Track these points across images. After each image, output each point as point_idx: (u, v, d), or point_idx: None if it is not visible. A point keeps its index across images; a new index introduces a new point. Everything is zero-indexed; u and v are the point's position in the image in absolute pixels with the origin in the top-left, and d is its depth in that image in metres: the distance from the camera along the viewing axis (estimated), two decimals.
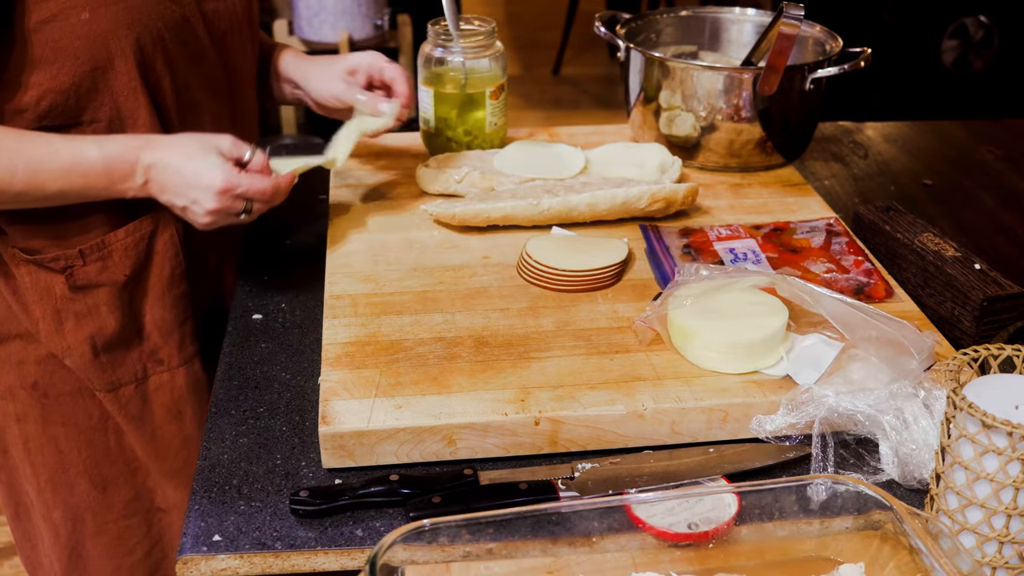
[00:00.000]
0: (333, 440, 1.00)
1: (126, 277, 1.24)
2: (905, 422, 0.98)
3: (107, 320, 1.24)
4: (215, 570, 0.93)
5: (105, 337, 1.25)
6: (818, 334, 1.11)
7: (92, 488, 1.30)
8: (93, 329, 1.24)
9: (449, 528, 0.81)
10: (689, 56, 1.69)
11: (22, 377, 1.26)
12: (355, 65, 1.40)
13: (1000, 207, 1.60)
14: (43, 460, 1.29)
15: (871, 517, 0.85)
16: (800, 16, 1.41)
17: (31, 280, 1.22)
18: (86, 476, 1.30)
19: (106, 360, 1.26)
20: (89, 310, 1.23)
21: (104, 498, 1.31)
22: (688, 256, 1.28)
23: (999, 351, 0.91)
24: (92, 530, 1.31)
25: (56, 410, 1.27)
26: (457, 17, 1.48)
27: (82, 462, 1.29)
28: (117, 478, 1.31)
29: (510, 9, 6.14)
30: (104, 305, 1.24)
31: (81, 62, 1.13)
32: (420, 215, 1.38)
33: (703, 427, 1.04)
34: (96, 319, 1.24)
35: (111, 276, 1.23)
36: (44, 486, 1.30)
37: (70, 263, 1.21)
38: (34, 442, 1.28)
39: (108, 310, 1.24)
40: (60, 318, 1.23)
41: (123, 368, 1.27)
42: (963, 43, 3.43)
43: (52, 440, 1.28)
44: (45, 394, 1.26)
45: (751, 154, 1.54)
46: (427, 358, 1.10)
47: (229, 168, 1.15)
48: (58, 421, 1.27)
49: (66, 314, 1.23)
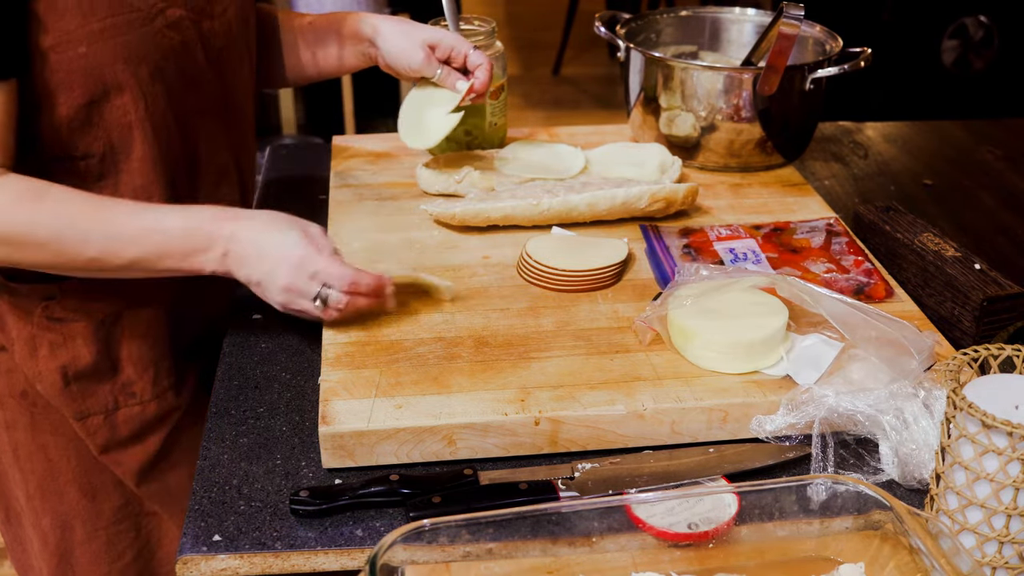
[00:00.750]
0: (333, 440, 1.00)
1: (104, 315, 1.22)
2: (905, 422, 0.98)
3: (81, 352, 1.22)
4: (215, 570, 0.93)
5: (77, 368, 1.22)
6: (818, 334, 1.11)
7: (82, 496, 1.29)
8: (66, 359, 1.22)
9: (449, 528, 0.81)
10: (689, 56, 1.69)
11: (11, 386, 1.25)
12: (438, 40, 1.39)
13: (1000, 207, 1.60)
14: (32, 468, 1.27)
15: (871, 517, 0.85)
16: (800, 16, 1.41)
17: (11, 302, 1.20)
18: (75, 484, 1.28)
19: (76, 390, 1.23)
20: (64, 340, 1.21)
21: (94, 506, 1.30)
22: (688, 256, 1.28)
23: (999, 351, 0.91)
24: (81, 537, 1.30)
25: (45, 419, 1.26)
26: (457, 17, 1.48)
27: (71, 470, 1.28)
28: (107, 485, 1.30)
29: (510, 9, 6.14)
30: (80, 337, 1.21)
31: (76, 96, 1.10)
32: (420, 215, 1.38)
33: (703, 427, 1.04)
34: (70, 350, 1.21)
35: (89, 313, 1.21)
36: (33, 493, 1.29)
37: (49, 295, 1.19)
38: (23, 449, 1.27)
39: (83, 343, 1.22)
40: (35, 343, 1.21)
41: (93, 399, 1.24)
42: (963, 43, 3.43)
43: (41, 448, 1.27)
44: (34, 403, 1.25)
45: (751, 154, 1.54)
46: (427, 358, 1.10)
47: (309, 246, 1.10)
48: (47, 430, 1.26)
49: (40, 340, 1.21)
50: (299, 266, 1.10)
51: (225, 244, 1.10)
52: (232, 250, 1.10)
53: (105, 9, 1.08)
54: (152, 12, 1.12)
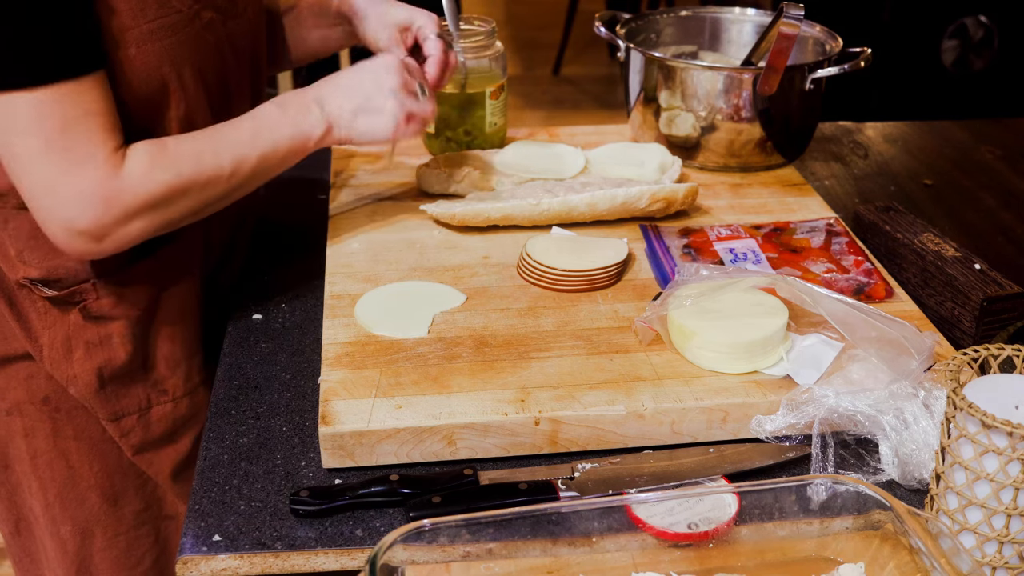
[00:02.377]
0: (333, 440, 1.00)
1: (140, 311, 1.22)
2: (905, 422, 0.98)
3: (118, 352, 1.22)
4: (215, 570, 0.93)
5: (113, 368, 1.22)
6: (818, 334, 1.11)
7: (103, 501, 1.29)
8: (102, 360, 1.22)
9: (449, 528, 0.81)
10: (689, 56, 1.69)
11: (31, 392, 1.24)
12: (408, 21, 1.37)
13: (1000, 207, 1.60)
14: (52, 475, 1.27)
15: (871, 517, 0.85)
16: (800, 16, 1.41)
17: (43, 307, 1.20)
18: (97, 490, 1.28)
19: (111, 391, 1.23)
20: (101, 340, 1.21)
21: (115, 511, 1.29)
22: (688, 256, 1.28)
23: (999, 351, 0.91)
24: (101, 544, 1.30)
25: (67, 424, 1.25)
26: (457, 17, 1.48)
27: (93, 476, 1.27)
28: (128, 490, 1.30)
29: (510, 9, 6.14)
30: (116, 336, 1.22)
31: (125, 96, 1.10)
32: (420, 215, 1.38)
33: (703, 427, 1.04)
34: (107, 350, 1.22)
35: (124, 311, 1.21)
36: (52, 501, 1.28)
37: (84, 296, 1.19)
38: (43, 457, 1.26)
39: (120, 342, 1.22)
40: (70, 346, 1.21)
41: (127, 399, 1.25)
42: (963, 43, 3.43)
43: (62, 454, 1.26)
44: (56, 408, 1.25)
45: (751, 154, 1.54)
46: (427, 358, 1.10)
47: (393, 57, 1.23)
48: (69, 435, 1.26)
49: (76, 342, 1.21)
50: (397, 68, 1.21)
51: (316, 94, 1.19)
52: (325, 95, 1.19)
53: (154, 10, 1.08)
54: (190, 14, 1.12)
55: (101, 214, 1.05)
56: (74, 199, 1.04)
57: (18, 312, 1.20)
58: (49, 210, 1.05)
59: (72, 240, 1.07)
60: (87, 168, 1.04)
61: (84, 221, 1.05)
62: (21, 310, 1.20)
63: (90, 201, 1.05)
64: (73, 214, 1.05)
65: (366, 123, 1.21)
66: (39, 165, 1.03)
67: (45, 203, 1.05)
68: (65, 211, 1.05)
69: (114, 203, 1.06)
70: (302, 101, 1.19)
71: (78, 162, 1.03)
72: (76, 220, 1.05)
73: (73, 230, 1.06)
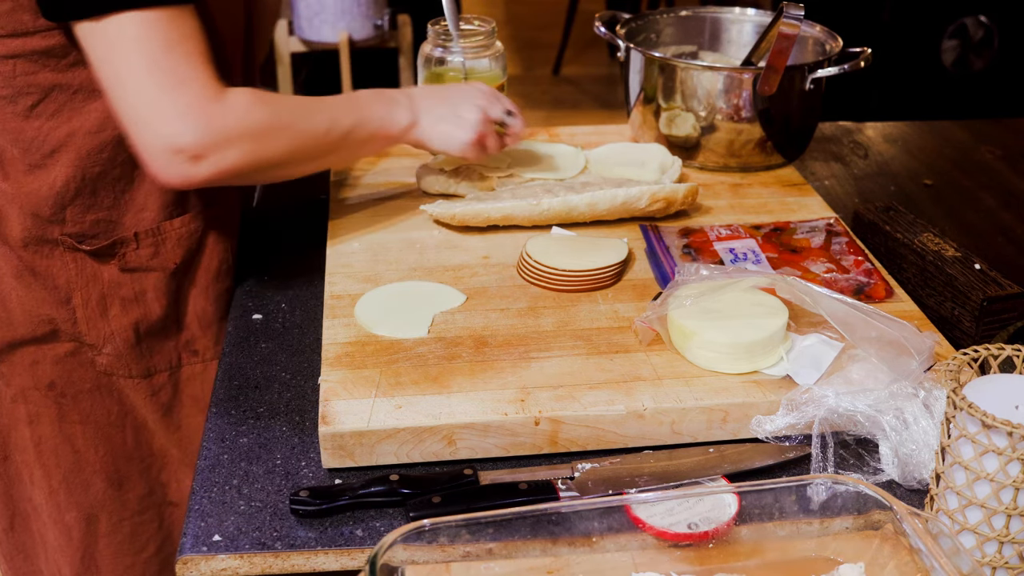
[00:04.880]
0: (333, 440, 1.00)
1: (175, 265, 1.26)
2: (905, 422, 0.98)
3: (152, 307, 1.26)
4: (215, 570, 0.93)
5: (148, 323, 1.26)
6: (818, 334, 1.10)
7: (108, 486, 1.31)
8: (138, 315, 1.25)
9: (449, 528, 0.81)
10: (689, 56, 1.69)
11: (36, 378, 1.26)
12: None
13: (1000, 207, 1.60)
14: (57, 461, 1.29)
15: (871, 517, 0.85)
16: (800, 16, 1.41)
17: (76, 268, 1.22)
18: (102, 474, 1.30)
19: (146, 347, 1.27)
20: (136, 295, 1.25)
21: (120, 495, 1.31)
22: (688, 256, 1.28)
23: (999, 351, 0.91)
24: (106, 529, 1.32)
25: (73, 409, 1.27)
26: (457, 17, 1.48)
27: (99, 460, 1.30)
28: (133, 474, 1.32)
29: (510, 9, 6.14)
30: (151, 291, 1.25)
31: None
32: (420, 215, 1.38)
33: (703, 427, 1.04)
34: (142, 305, 1.25)
35: (162, 262, 1.25)
36: (57, 487, 1.30)
37: (123, 247, 1.23)
38: (48, 443, 1.28)
39: (154, 296, 1.26)
40: (105, 304, 1.24)
41: (159, 355, 1.29)
42: (963, 43, 3.43)
43: (68, 440, 1.28)
44: (63, 393, 1.27)
45: (751, 154, 1.54)
46: (427, 358, 1.10)
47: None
48: (76, 419, 1.28)
49: (112, 300, 1.24)
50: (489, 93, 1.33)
51: (409, 92, 1.29)
52: (416, 94, 1.30)
53: None
54: None
55: (202, 132, 1.08)
56: (177, 115, 1.08)
57: (43, 280, 1.22)
58: (151, 128, 1.08)
59: (170, 160, 1.09)
60: (191, 86, 1.08)
61: (185, 138, 1.08)
62: (46, 278, 1.22)
63: (193, 117, 1.08)
64: (174, 130, 1.08)
65: (446, 130, 1.29)
66: (143, 83, 1.07)
67: (147, 121, 1.08)
68: (167, 127, 1.08)
69: (215, 123, 1.09)
70: (393, 94, 1.28)
71: (181, 80, 1.07)
72: (177, 137, 1.08)
73: (173, 148, 1.08)
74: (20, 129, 1.15)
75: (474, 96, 1.32)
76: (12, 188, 1.18)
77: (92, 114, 1.15)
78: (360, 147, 1.27)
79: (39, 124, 1.15)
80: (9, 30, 1.09)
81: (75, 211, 1.20)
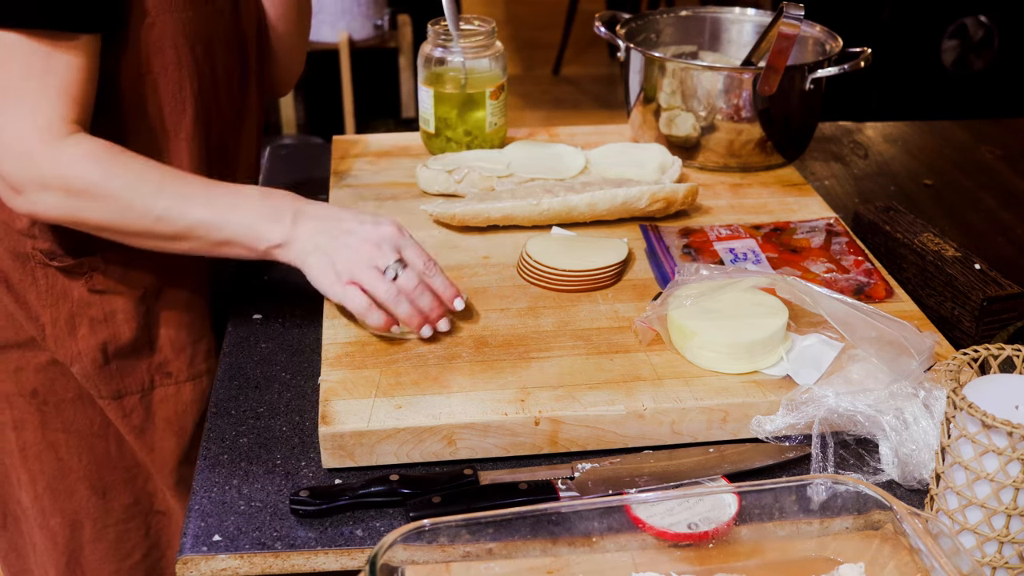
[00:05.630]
0: (333, 440, 1.00)
1: (145, 290, 1.23)
2: (905, 422, 0.98)
3: (122, 328, 1.23)
4: (215, 570, 0.93)
5: (117, 345, 1.23)
6: (818, 334, 1.10)
7: (92, 494, 1.29)
8: (106, 336, 1.22)
9: (449, 528, 0.81)
10: (689, 56, 1.69)
11: (20, 385, 1.25)
12: None
13: (1000, 207, 1.60)
14: (41, 467, 1.27)
15: (871, 517, 0.85)
16: (800, 16, 1.41)
17: (46, 284, 1.20)
18: (86, 482, 1.28)
19: (115, 368, 1.24)
20: (105, 316, 1.22)
21: (104, 503, 1.30)
22: (688, 256, 1.28)
23: (999, 351, 0.91)
24: (91, 535, 1.31)
25: (56, 417, 1.26)
26: (457, 17, 1.48)
27: (82, 468, 1.28)
28: (117, 483, 1.30)
29: (510, 9, 6.14)
30: (121, 313, 1.22)
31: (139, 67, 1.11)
32: (420, 215, 1.38)
33: (703, 427, 1.04)
34: (111, 326, 1.22)
35: (131, 286, 1.22)
36: (42, 493, 1.29)
37: (93, 268, 1.20)
38: (32, 449, 1.27)
39: (124, 318, 1.23)
40: (74, 323, 1.21)
41: (130, 377, 1.25)
42: (963, 43, 3.43)
43: (51, 447, 1.27)
44: (45, 401, 1.25)
45: (751, 154, 1.54)
46: (427, 358, 1.10)
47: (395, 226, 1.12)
48: (58, 428, 1.26)
49: (80, 319, 1.21)
50: (382, 237, 1.10)
51: (296, 212, 1.10)
52: (305, 213, 1.10)
53: None
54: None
55: (20, 169, 1.05)
56: (4, 143, 1.05)
57: (16, 294, 1.21)
58: None
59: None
60: (26, 120, 1.04)
61: (5, 166, 1.06)
62: (19, 292, 1.21)
63: (15, 151, 1.05)
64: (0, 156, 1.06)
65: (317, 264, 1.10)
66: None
67: None
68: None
69: (34, 165, 1.05)
70: (281, 205, 1.10)
71: (22, 111, 1.04)
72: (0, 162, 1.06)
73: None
74: None
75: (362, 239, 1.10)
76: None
77: None
78: (214, 247, 1.10)
79: None
80: None
81: (43, 226, 1.17)
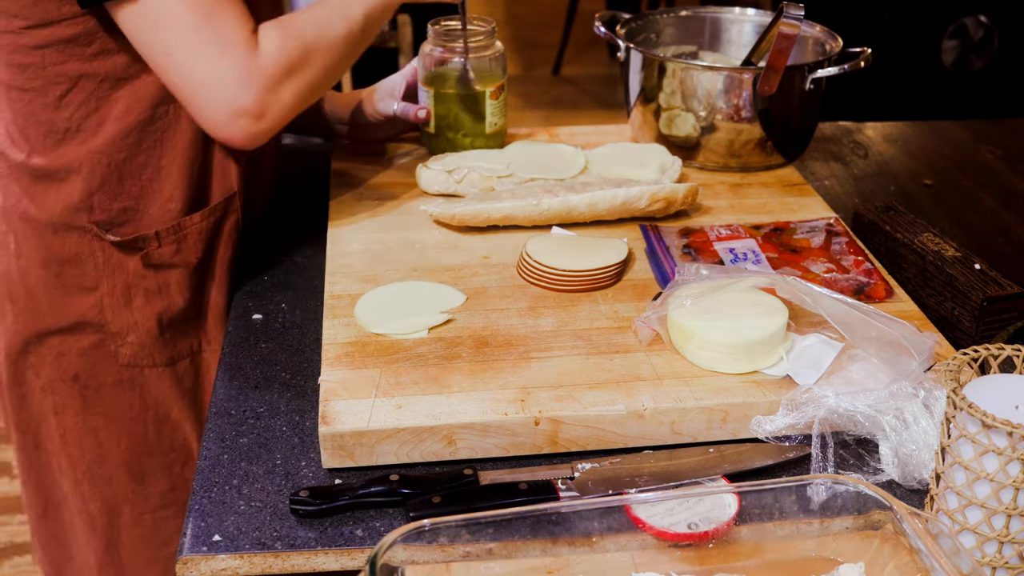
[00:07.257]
0: (333, 440, 1.00)
1: (197, 260, 1.28)
2: (905, 422, 0.98)
3: (175, 299, 1.29)
4: (215, 570, 0.93)
5: (171, 314, 1.29)
6: (818, 334, 1.10)
7: (130, 479, 1.33)
8: (162, 307, 1.28)
9: (449, 528, 0.81)
10: (689, 56, 1.69)
11: (62, 370, 1.28)
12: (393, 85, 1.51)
13: (1000, 207, 1.60)
14: (81, 453, 1.31)
15: (871, 517, 0.85)
16: (800, 16, 1.41)
17: (103, 256, 1.25)
18: (125, 467, 1.32)
19: (169, 336, 1.30)
20: (160, 288, 1.27)
21: (142, 489, 1.33)
22: (688, 256, 1.28)
23: (999, 351, 0.91)
24: (128, 521, 1.34)
25: (97, 401, 1.30)
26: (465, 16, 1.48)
27: (121, 454, 1.32)
28: (155, 469, 1.34)
29: (510, 9, 6.14)
30: (174, 284, 1.28)
31: None
32: (420, 215, 1.38)
33: (703, 427, 1.04)
34: (165, 297, 1.28)
35: (184, 258, 1.28)
36: (81, 478, 1.32)
37: (145, 245, 1.25)
38: (72, 435, 1.31)
39: (177, 289, 1.28)
40: (130, 295, 1.26)
41: (182, 343, 1.32)
42: (963, 43, 3.43)
43: (92, 431, 1.31)
44: (86, 385, 1.29)
45: (751, 154, 1.54)
46: (427, 358, 1.10)
47: None
48: (99, 412, 1.30)
49: (136, 290, 1.27)
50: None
51: None
52: None
53: None
54: None
55: (255, 89, 1.12)
56: (231, 81, 1.11)
57: (67, 274, 1.25)
58: (210, 97, 1.12)
59: (235, 124, 1.13)
60: (234, 49, 1.11)
61: (243, 100, 1.12)
62: (75, 266, 1.24)
63: (245, 78, 1.12)
64: (232, 95, 1.12)
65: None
66: (191, 56, 1.10)
67: (203, 92, 1.12)
68: (226, 93, 1.12)
69: (262, 76, 1.13)
70: None
71: (226, 45, 1.11)
72: (236, 100, 1.12)
73: (235, 112, 1.12)
74: (51, 120, 1.18)
75: None
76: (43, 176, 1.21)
77: (118, 102, 1.18)
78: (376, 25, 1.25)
79: (68, 114, 1.18)
80: (35, 20, 1.12)
81: (102, 198, 1.22)
